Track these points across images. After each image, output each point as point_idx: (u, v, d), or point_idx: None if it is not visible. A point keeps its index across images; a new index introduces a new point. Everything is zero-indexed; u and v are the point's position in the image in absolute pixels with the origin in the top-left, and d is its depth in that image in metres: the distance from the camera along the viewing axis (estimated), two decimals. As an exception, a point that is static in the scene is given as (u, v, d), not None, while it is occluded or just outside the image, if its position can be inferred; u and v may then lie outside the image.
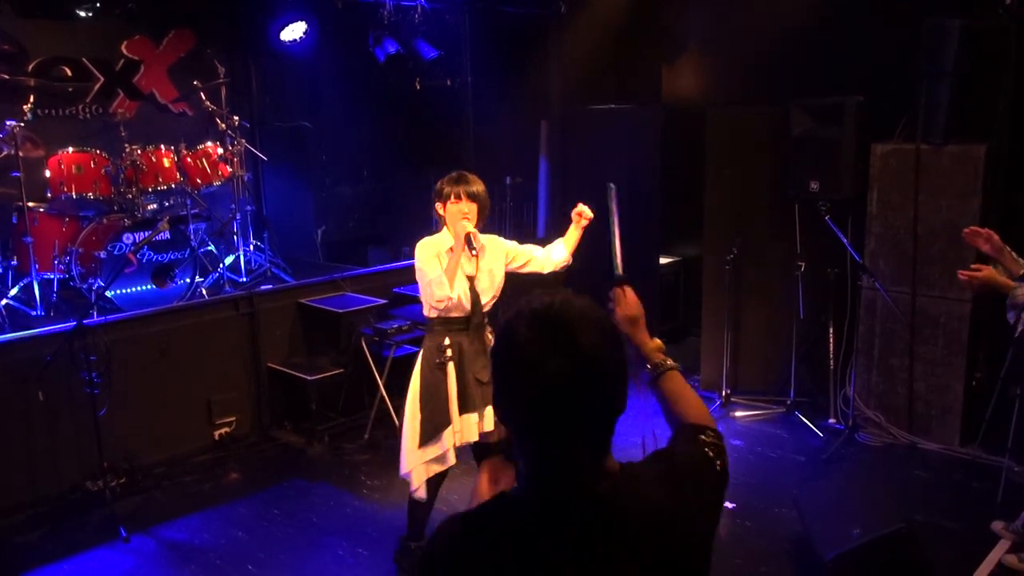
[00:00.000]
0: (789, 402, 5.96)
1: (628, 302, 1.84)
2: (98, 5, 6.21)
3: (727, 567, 4.02)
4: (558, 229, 7.67)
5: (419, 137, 7.84)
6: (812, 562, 3.94)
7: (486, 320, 3.92)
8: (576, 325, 1.32)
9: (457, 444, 3.84)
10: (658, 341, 1.83)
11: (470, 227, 3.78)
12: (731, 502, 4.71)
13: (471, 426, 3.85)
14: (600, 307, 1.43)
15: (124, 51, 6.76)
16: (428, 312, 3.86)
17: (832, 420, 5.76)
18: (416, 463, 3.82)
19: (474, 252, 3.78)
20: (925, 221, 5.29)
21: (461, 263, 3.78)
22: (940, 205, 5.23)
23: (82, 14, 6.26)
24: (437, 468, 3.84)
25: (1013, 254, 3.90)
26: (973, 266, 3.90)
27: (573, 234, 4.13)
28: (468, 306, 3.80)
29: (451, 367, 3.81)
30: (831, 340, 5.74)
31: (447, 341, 3.81)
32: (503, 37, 7.57)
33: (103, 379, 4.81)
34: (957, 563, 4.05)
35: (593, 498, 1.36)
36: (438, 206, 3.85)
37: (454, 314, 3.81)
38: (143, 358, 5.25)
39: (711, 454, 1.55)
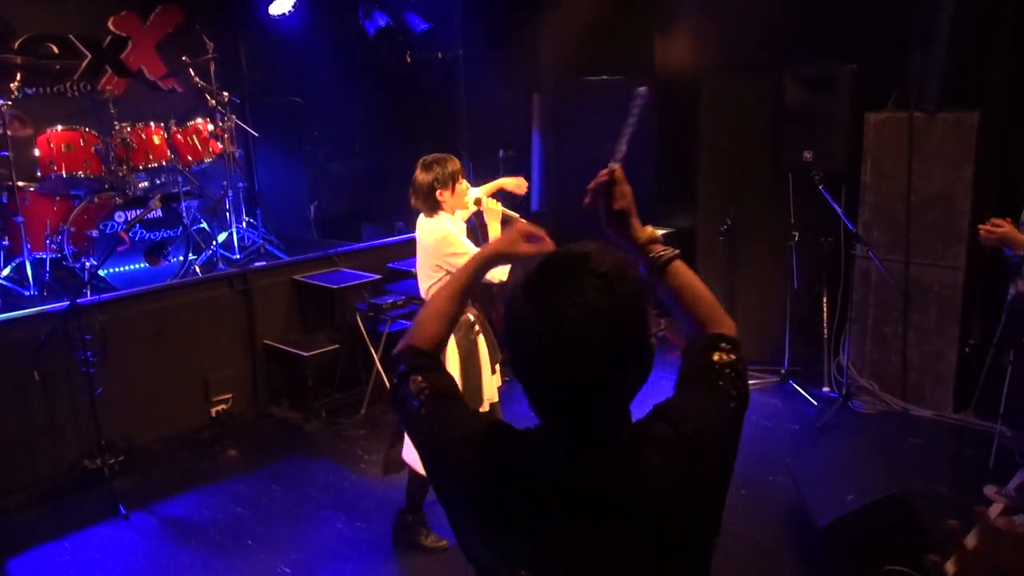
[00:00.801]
0: (783, 371, 6.00)
1: (625, 189, 1.63)
2: (83, -19, 6.15)
3: (722, 535, 4.06)
4: (552, 202, 7.69)
5: (411, 111, 7.78)
6: (807, 528, 3.99)
7: None
8: (564, 290, 1.24)
9: (485, 405, 3.91)
10: (650, 229, 1.63)
11: (495, 202, 3.85)
12: (726, 471, 4.75)
13: (495, 384, 3.97)
14: (614, 272, 1.26)
15: (111, 27, 6.69)
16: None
17: (826, 388, 5.80)
18: None
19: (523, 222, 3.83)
20: (918, 189, 5.29)
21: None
22: (933, 173, 5.23)
23: (67, -10, 6.20)
24: None
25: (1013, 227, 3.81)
26: (994, 221, 3.70)
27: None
28: None
29: (481, 341, 3.86)
30: (825, 309, 5.76)
31: (472, 317, 3.84)
32: (494, 9, 7.49)
33: (98, 358, 4.81)
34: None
35: (595, 464, 1.33)
36: (441, 193, 3.79)
37: None
38: (138, 336, 5.24)
39: (723, 383, 1.44)
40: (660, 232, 1.68)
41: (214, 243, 6.35)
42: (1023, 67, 5.10)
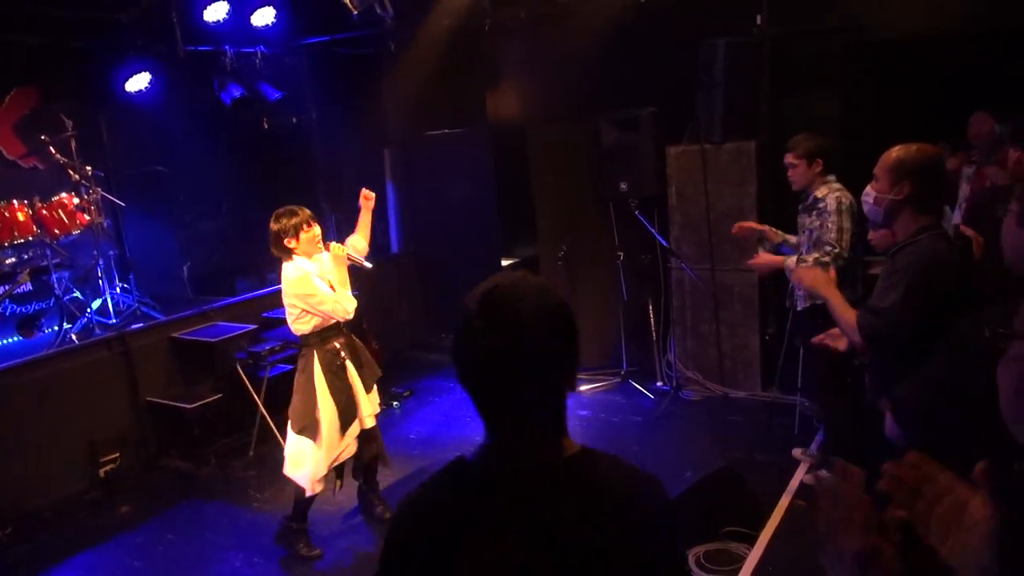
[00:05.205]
0: (623, 372, 6.19)
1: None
2: (-69, 68, 5.60)
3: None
4: (409, 244, 7.67)
5: (273, 171, 7.55)
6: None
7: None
8: (513, 304, 1.29)
9: (365, 420, 4.04)
10: None
11: (340, 246, 3.89)
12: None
13: (374, 402, 4.10)
14: (548, 290, 1.35)
15: (-36, 111, 6.12)
16: (306, 328, 3.88)
17: (660, 383, 6.03)
18: (323, 470, 3.91)
19: (366, 266, 3.96)
20: (715, 208, 5.64)
21: (327, 278, 3.89)
22: (725, 193, 5.59)
23: (-85, 77, 5.63)
24: (348, 454, 4.03)
25: (772, 229, 4.34)
26: (756, 255, 4.34)
27: (364, 217, 4.22)
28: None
29: (349, 365, 3.96)
30: (651, 315, 6.01)
31: (337, 345, 3.92)
32: (341, 76, 7.44)
33: (-24, 434, 4.34)
34: (770, 486, 4.34)
35: (541, 467, 1.31)
36: (288, 241, 3.80)
37: (332, 320, 3.89)
38: (17, 408, 4.77)
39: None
40: (506, 263, 1.71)
41: (89, 310, 5.89)
42: (782, 104, 5.58)
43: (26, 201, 5.74)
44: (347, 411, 3.94)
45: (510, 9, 6.52)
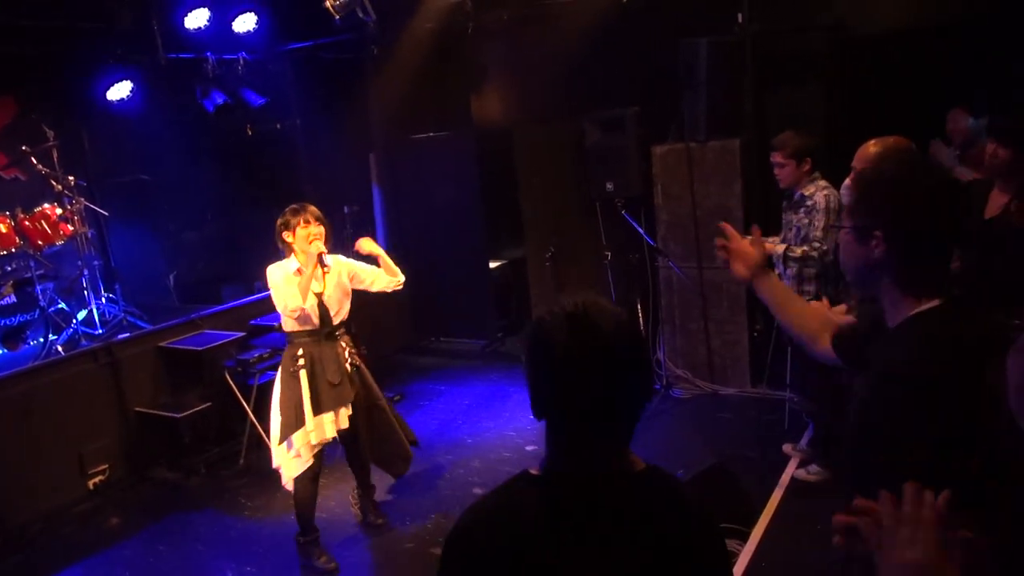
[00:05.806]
0: (613, 372, 6.18)
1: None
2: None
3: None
4: (398, 250, 7.64)
5: (257, 178, 7.53)
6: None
7: (338, 331, 3.98)
8: (599, 324, 1.30)
9: (313, 442, 3.84)
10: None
11: (322, 247, 3.82)
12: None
13: (327, 425, 3.88)
14: (616, 308, 1.38)
15: (-57, 123, 6.06)
16: (286, 326, 3.91)
17: (650, 382, 6.03)
18: (281, 459, 3.85)
19: (326, 268, 3.85)
20: (701, 206, 5.65)
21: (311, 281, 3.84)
22: (711, 191, 5.61)
23: None
24: (299, 466, 3.84)
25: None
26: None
27: (385, 262, 4.21)
28: (317, 319, 3.86)
29: (303, 374, 3.84)
30: (640, 314, 6.02)
31: (300, 351, 3.87)
32: (325, 80, 7.41)
33: (-38, 449, 4.29)
34: (762, 483, 4.36)
35: (617, 481, 1.34)
36: (286, 235, 3.84)
37: (307, 327, 3.86)
38: (4, 422, 4.71)
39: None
40: (494, 266, 1.71)
41: (74, 321, 5.84)
42: (765, 101, 5.61)
43: (8, 212, 5.70)
44: (288, 423, 3.80)
45: (493, 11, 6.52)
